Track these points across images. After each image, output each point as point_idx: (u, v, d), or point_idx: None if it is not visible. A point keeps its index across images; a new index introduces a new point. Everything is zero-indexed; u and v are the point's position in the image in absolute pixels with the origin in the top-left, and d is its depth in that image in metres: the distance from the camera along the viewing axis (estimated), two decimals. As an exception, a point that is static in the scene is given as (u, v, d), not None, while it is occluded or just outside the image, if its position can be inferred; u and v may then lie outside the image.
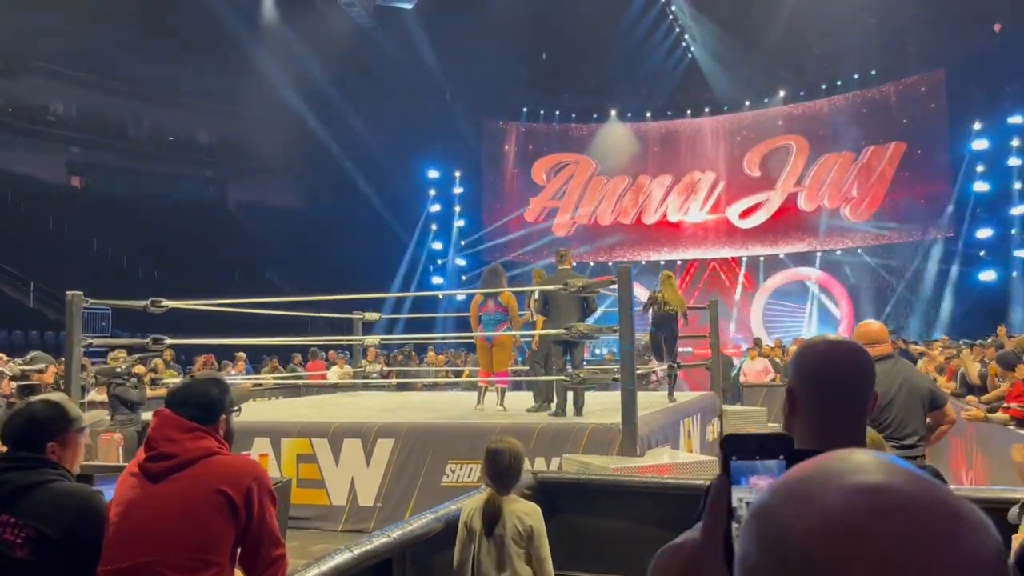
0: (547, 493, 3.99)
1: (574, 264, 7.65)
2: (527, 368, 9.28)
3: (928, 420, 4.00)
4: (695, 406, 8.89)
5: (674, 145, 29.17)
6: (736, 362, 15.68)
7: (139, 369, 8.24)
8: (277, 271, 28.84)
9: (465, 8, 26.82)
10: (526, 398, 8.43)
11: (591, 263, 28.50)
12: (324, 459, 6.75)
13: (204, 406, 2.29)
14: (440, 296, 26.18)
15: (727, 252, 28.63)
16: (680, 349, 25.94)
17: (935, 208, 25.36)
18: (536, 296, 7.79)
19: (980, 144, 24.70)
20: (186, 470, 2.18)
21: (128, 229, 25.98)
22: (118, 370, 8.00)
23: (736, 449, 0.71)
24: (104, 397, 8.38)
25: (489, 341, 7.78)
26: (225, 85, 29.54)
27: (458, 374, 13.25)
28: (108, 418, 7.92)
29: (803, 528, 0.51)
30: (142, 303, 7.31)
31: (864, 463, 0.54)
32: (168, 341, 7.69)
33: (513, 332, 7.96)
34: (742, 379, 13.92)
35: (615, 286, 6.44)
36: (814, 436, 1.45)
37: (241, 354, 14.69)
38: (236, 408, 2.38)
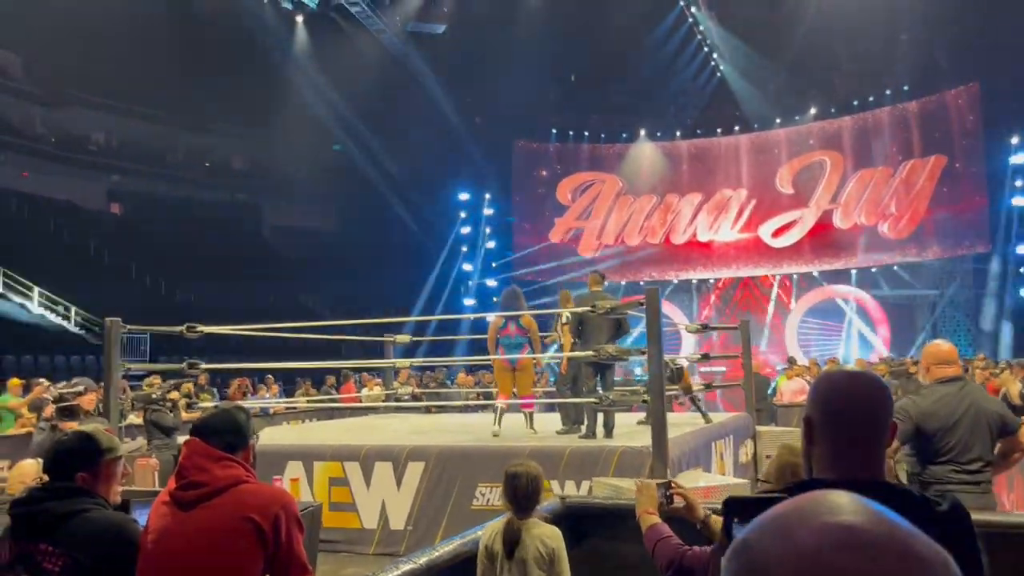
0: (574, 518, 3.97)
1: (606, 284, 7.62)
2: (554, 390, 9.24)
3: (999, 446, 3.89)
4: (727, 427, 8.75)
5: (704, 163, 29.04)
6: (771, 382, 15.48)
7: (174, 395, 8.33)
8: (310, 295, 29.10)
9: (494, 31, 27.09)
10: (553, 420, 8.41)
11: (622, 283, 28.43)
12: (356, 482, 6.78)
13: (232, 434, 2.33)
14: (470, 318, 26.25)
15: (760, 270, 28.36)
16: (713, 369, 25.49)
17: (974, 223, 24.91)
18: (566, 318, 7.74)
19: (1019, 158, 24.27)
20: (216, 499, 2.21)
21: (166, 253, 26.44)
22: (153, 396, 8.12)
23: (737, 511, 0.72)
24: (141, 421, 8.49)
25: (512, 364, 7.77)
26: (258, 110, 30.11)
27: (489, 396, 13.21)
28: (145, 443, 8.06)
29: (779, 563, 0.55)
30: (178, 329, 7.37)
31: (838, 504, 0.58)
32: (203, 366, 7.73)
33: (536, 355, 7.93)
34: (777, 399, 13.72)
35: (644, 307, 6.41)
36: (830, 466, 1.45)
37: (270, 377, 14.82)
38: (256, 435, 2.43)
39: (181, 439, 7.87)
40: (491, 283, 30.13)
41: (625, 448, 6.25)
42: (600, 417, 7.13)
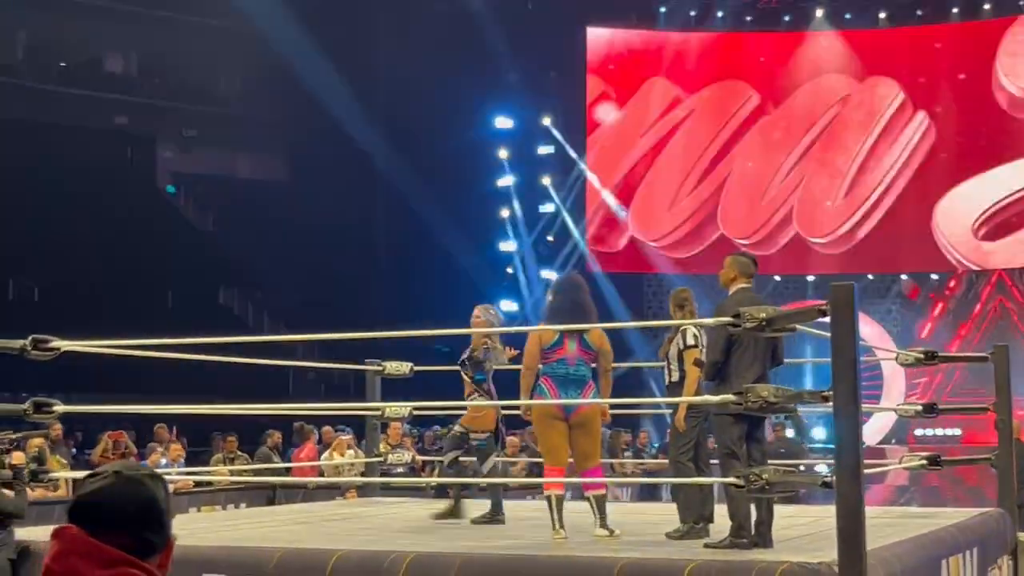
0: None
1: (751, 280, 7.59)
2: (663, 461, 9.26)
3: None
4: (968, 533, 8.71)
5: (918, 56, 28.90)
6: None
7: (18, 458, 8.40)
8: (238, 291, 29.40)
9: None
10: (649, 513, 8.46)
11: (776, 278, 28.16)
12: None
13: (139, 521, 2.32)
14: (511, 333, 26.25)
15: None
16: (935, 431, 25.04)
17: None
18: (693, 338, 7.78)
19: None
20: None
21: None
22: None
23: None
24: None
25: (567, 414, 7.84)
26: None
27: (540, 470, 13.25)
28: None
29: None
30: (17, 343, 7.43)
31: None
32: (59, 408, 7.79)
33: (604, 400, 8.01)
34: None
35: (825, 319, 6.36)
36: None
37: (164, 428, 14.90)
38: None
39: (26, 533, 8.01)
40: (548, 274, 30.10)
41: (791, 565, 6.19)
42: (750, 509, 7.15)
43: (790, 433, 17.24)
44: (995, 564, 9.26)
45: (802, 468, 10.65)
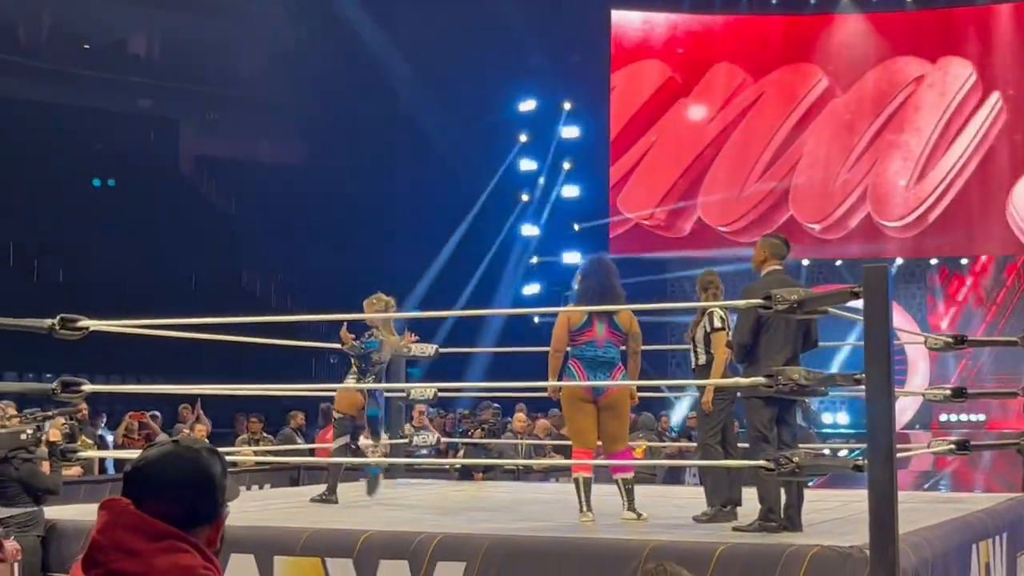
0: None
1: (783, 262, 7.56)
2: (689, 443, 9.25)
3: None
4: (997, 519, 8.63)
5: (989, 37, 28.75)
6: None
7: (54, 435, 8.42)
8: (261, 273, 29.43)
9: None
10: (676, 496, 8.50)
11: (804, 262, 28.09)
12: None
13: (193, 494, 2.33)
14: (535, 317, 26.20)
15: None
16: (959, 416, 24.96)
17: None
18: (719, 320, 7.76)
19: None
20: None
21: (18, 195, 27.01)
22: (23, 436, 8.19)
23: None
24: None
25: (596, 396, 7.85)
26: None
27: (567, 452, 13.22)
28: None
29: None
30: (46, 322, 7.42)
31: None
32: (87, 388, 7.76)
33: (633, 382, 8.06)
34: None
35: (857, 302, 6.33)
36: None
37: (188, 408, 14.95)
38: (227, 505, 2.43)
39: (53, 512, 8.04)
40: (571, 258, 30.07)
41: (822, 549, 6.16)
42: (780, 492, 7.15)
43: (798, 418, 17.20)
44: (1023, 550, 9.18)
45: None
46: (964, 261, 29.33)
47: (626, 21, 30.43)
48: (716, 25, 30.19)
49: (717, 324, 7.85)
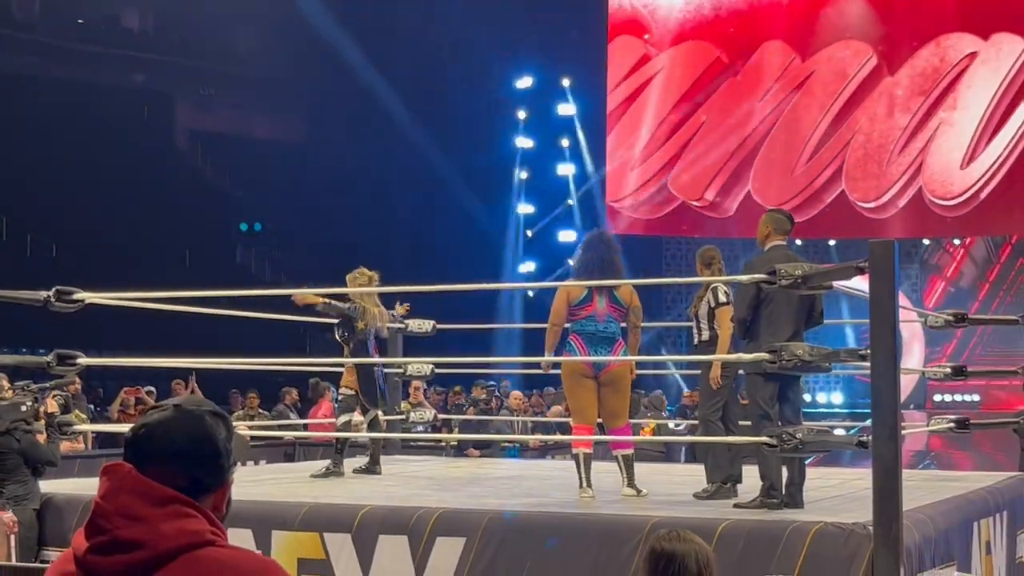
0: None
1: (786, 237, 7.55)
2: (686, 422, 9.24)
3: None
4: (997, 497, 8.67)
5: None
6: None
7: (51, 406, 8.42)
8: (256, 250, 29.40)
9: None
10: (676, 473, 8.57)
11: (797, 242, 28.03)
12: (345, 568, 6.80)
13: (199, 460, 2.29)
14: (530, 292, 26.16)
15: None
16: (953, 396, 24.97)
17: None
18: (724, 295, 7.75)
19: None
20: (158, 573, 2.19)
21: (7, 170, 26.87)
22: (23, 408, 8.18)
23: None
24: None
25: (597, 371, 7.84)
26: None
27: (566, 429, 13.22)
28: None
29: None
30: (41, 294, 7.41)
31: None
32: (82, 361, 7.77)
33: (632, 357, 8.08)
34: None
35: (860, 279, 6.36)
36: None
37: (181, 384, 15.02)
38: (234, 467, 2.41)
39: (49, 486, 8.05)
40: (566, 236, 30.03)
41: (825, 525, 6.17)
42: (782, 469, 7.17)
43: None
44: (1023, 528, 9.21)
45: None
46: (956, 241, 29.25)
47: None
48: (762, 4, 29.99)
49: (722, 299, 7.83)
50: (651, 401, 14.40)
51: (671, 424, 14.71)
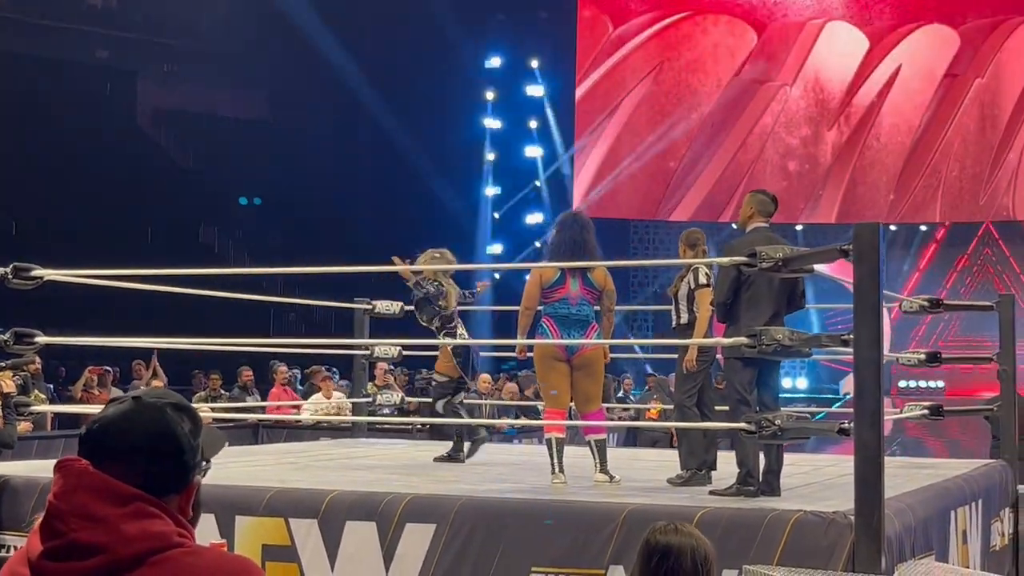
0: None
1: (769, 220, 7.49)
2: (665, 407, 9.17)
3: None
4: (973, 485, 8.71)
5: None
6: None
7: (8, 386, 8.34)
8: (219, 226, 29.29)
9: None
10: (650, 458, 8.52)
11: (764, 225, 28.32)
12: (311, 555, 6.73)
13: (159, 457, 2.17)
14: (496, 275, 26.18)
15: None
16: (919, 383, 25.18)
17: None
18: (704, 276, 7.69)
19: None
20: None
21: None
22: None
23: None
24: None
25: (570, 355, 7.77)
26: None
27: (536, 413, 13.31)
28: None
29: None
30: (-1, 270, 7.32)
31: None
32: (41, 340, 7.70)
33: (606, 341, 8.02)
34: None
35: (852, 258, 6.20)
36: None
37: (142, 364, 14.97)
38: (207, 463, 2.27)
39: (5, 467, 7.92)
40: (534, 219, 30.07)
41: (804, 514, 6.13)
42: (759, 456, 7.12)
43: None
44: (997, 516, 9.30)
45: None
46: (923, 228, 29.43)
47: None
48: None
49: (703, 280, 7.76)
50: (657, 383, 14.32)
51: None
